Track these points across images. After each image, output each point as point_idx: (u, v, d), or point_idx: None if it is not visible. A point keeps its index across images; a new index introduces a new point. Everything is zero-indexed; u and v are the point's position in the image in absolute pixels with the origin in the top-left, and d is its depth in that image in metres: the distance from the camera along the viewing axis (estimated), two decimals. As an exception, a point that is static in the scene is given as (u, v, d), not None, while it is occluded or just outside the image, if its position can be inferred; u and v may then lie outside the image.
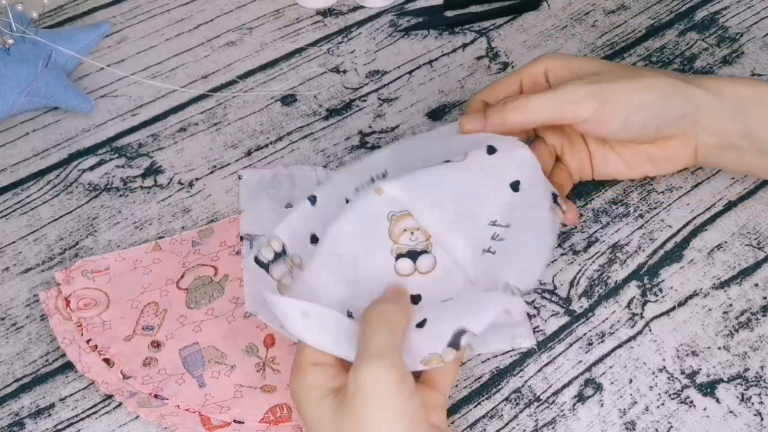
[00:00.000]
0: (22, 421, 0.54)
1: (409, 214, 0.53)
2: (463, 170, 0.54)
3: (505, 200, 0.55)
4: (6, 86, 0.67)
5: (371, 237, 0.53)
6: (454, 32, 0.77)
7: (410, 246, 0.53)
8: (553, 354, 0.57)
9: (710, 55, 0.75)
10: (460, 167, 0.54)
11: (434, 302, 0.53)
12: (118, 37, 0.77)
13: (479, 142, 0.56)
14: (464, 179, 0.54)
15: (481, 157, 0.55)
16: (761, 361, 0.57)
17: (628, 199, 0.65)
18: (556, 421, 0.54)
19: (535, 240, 0.56)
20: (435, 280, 0.53)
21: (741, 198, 0.65)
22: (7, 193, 0.66)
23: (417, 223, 0.53)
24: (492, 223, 0.55)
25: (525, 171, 0.56)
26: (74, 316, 0.58)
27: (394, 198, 0.53)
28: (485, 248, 0.54)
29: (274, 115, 0.71)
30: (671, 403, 0.55)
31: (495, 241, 0.55)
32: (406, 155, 0.59)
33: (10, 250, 0.63)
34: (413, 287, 0.53)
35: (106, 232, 0.63)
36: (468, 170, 0.54)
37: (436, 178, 0.54)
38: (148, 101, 0.72)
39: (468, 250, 0.54)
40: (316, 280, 0.52)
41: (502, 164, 0.55)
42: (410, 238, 0.53)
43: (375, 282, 0.52)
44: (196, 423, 0.54)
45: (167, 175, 0.67)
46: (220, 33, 0.77)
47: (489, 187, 0.55)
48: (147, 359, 0.56)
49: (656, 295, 0.60)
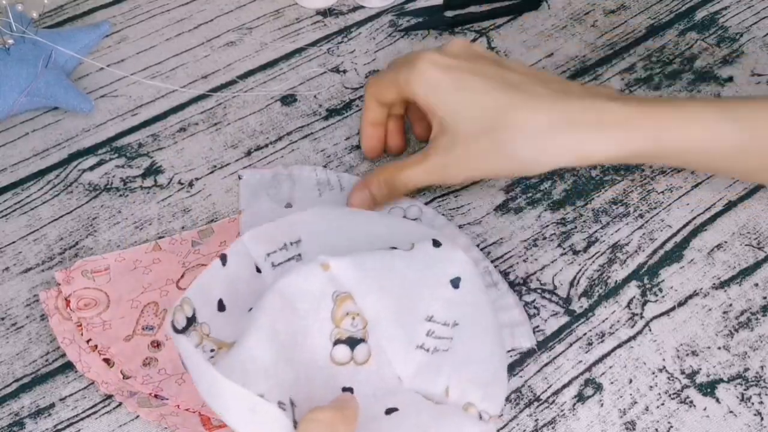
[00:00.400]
0: (22, 421, 0.54)
1: (351, 297, 0.50)
2: (410, 259, 0.52)
3: (445, 296, 0.53)
4: (6, 86, 0.67)
5: (312, 317, 0.49)
6: (454, 32, 0.77)
7: (350, 332, 0.50)
8: (553, 354, 0.57)
9: (710, 55, 0.75)
10: (406, 256, 0.52)
11: (366, 398, 0.50)
12: (118, 37, 0.77)
13: (425, 234, 0.54)
14: (410, 269, 0.52)
15: (427, 249, 0.53)
16: (761, 361, 0.57)
17: (628, 199, 0.65)
18: (556, 421, 0.54)
19: (491, 352, 0.53)
20: (369, 372, 0.50)
21: (741, 198, 0.65)
22: (7, 193, 0.66)
23: (357, 307, 0.50)
24: (428, 318, 0.52)
25: (467, 269, 0.54)
26: (74, 316, 0.58)
27: (338, 276, 0.50)
28: (418, 344, 0.51)
29: (274, 115, 0.71)
30: (671, 403, 0.55)
31: (430, 338, 0.52)
32: (322, 226, 0.55)
33: (10, 250, 0.63)
34: (346, 379, 0.50)
35: (106, 232, 0.63)
36: (414, 260, 0.52)
37: (385, 263, 0.51)
38: (148, 101, 0.72)
39: (401, 344, 0.51)
40: (252, 358, 0.47)
41: (445, 259, 0.53)
42: (351, 323, 0.50)
43: (310, 369, 0.49)
44: (196, 423, 0.53)
45: (167, 175, 0.67)
46: (220, 33, 0.77)
47: (431, 280, 0.52)
48: (147, 359, 0.56)
49: (656, 295, 0.60)
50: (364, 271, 0.50)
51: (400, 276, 0.51)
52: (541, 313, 0.59)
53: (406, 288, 0.51)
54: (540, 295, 0.60)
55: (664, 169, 0.67)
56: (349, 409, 0.46)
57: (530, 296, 0.60)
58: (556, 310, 0.59)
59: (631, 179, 0.66)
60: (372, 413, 0.49)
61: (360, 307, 0.50)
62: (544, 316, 0.59)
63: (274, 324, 0.48)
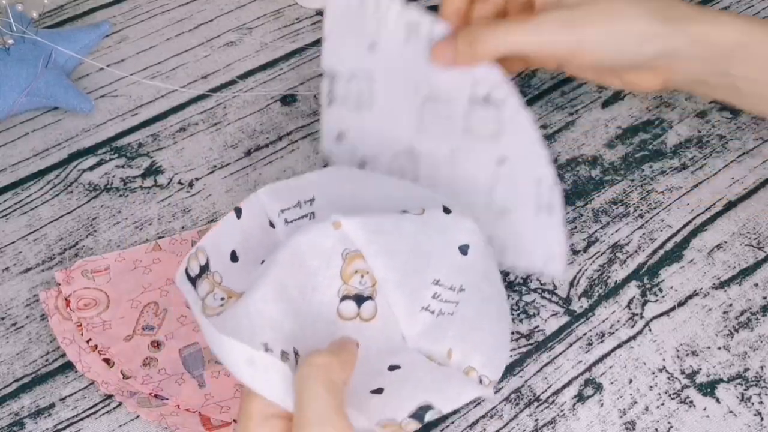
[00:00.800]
0: (22, 421, 0.55)
1: (361, 255, 0.51)
2: (420, 224, 0.53)
3: (453, 262, 0.53)
4: (6, 86, 0.67)
5: (322, 273, 0.50)
6: (454, 32, 0.77)
7: (358, 289, 0.51)
8: (553, 354, 0.57)
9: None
10: (417, 220, 0.52)
11: (370, 353, 0.50)
12: (118, 37, 0.77)
13: (436, 200, 0.55)
14: (420, 233, 0.52)
15: (437, 214, 0.53)
16: (761, 361, 0.57)
17: (628, 199, 0.65)
18: (556, 421, 0.54)
19: (496, 320, 0.54)
20: (374, 329, 0.51)
21: (741, 198, 0.65)
22: (7, 193, 0.66)
23: (367, 266, 0.51)
24: (435, 282, 0.52)
25: (475, 238, 0.54)
26: (74, 316, 0.58)
27: (349, 235, 0.51)
28: (424, 306, 0.52)
29: (274, 115, 0.71)
30: (671, 403, 0.55)
31: (436, 300, 0.52)
32: (335, 187, 0.56)
33: (10, 250, 0.63)
34: (350, 333, 0.50)
35: (106, 232, 0.63)
36: (424, 225, 0.53)
37: (396, 225, 0.52)
38: (148, 101, 0.72)
39: (408, 305, 0.52)
40: (259, 311, 0.49)
41: (455, 226, 0.54)
42: (360, 281, 0.51)
43: (317, 322, 0.50)
44: (196, 423, 0.54)
45: (167, 175, 0.67)
46: (220, 33, 0.77)
47: (440, 245, 0.53)
48: (147, 359, 0.56)
49: (656, 295, 0.60)
50: (374, 232, 0.51)
51: (409, 239, 0.52)
52: (541, 313, 0.59)
53: (414, 251, 0.52)
54: (540, 295, 0.60)
55: (664, 169, 0.67)
56: (346, 354, 0.46)
57: (530, 296, 0.60)
58: (556, 310, 0.59)
59: (631, 179, 0.66)
60: (375, 368, 0.50)
61: (369, 266, 0.50)
62: (544, 316, 0.59)
63: (283, 278, 0.50)
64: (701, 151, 0.68)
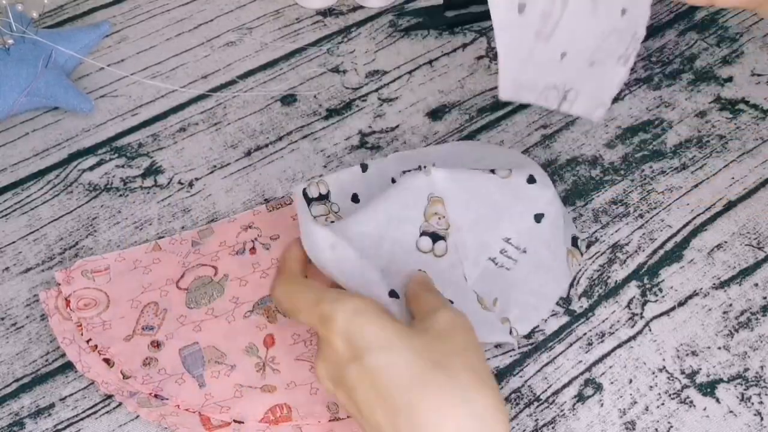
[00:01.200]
0: (22, 421, 0.54)
1: (441, 201, 0.58)
2: (502, 186, 0.59)
3: (526, 226, 0.59)
4: (6, 86, 0.67)
5: (409, 208, 0.58)
6: (454, 32, 0.77)
7: (435, 229, 0.58)
8: (553, 354, 0.57)
9: (710, 55, 0.75)
10: (500, 182, 0.59)
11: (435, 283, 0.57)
12: (118, 37, 0.77)
13: (525, 166, 0.61)
14: (498, 193, 0.59)
15: (521, 182, 0.59)
16: (761, 361, 0.57)
17: (628, 199, 0.65)
18: (556, 421, 0.54)
19: (546, 284, 0.59)
20: (442, 264, 0.58)
21: (741, 198, 0.65)
22: (7, 193, 0.66)
23: (445, 211, 0.58)
24: (506, 239, 0.59)
25: (551, 209, 0.59)
26: (74, 316, 0.58)
27: (436, 182, 0.58)
28: (490, 257, 0.59)
29: (274, 115, 0.71)
30: (671, 403, 0.55)
31: (502, 255, 0.59)
32: (455, 157, 0.64)
33: (10, 250, 0.63)
34: (423, 264, 0.58)
35: (106, 232, 0.63)
36: (506, 187, 0.59)
37: (477, 182, 0.58)
38: (148, 101, 0.72)
39: (474, 251, 0.58)
40: (355, 230, 0.57)
41: (535, 195, 0.59)
42: (437, 222, 0.58)
43: (396, 249, 0.57)
44: (196, 423, 0.54)
45: (167, 175, 0.67)
46: (220, 33, 0.77)
47: (517, 210, 0.59)
48: (147, 359, 0.56)
49: (656, 295, 0.60)
50: (455, 183, 0.58)
51: (489, 197, 0.59)
52: (541, 313, 0.59)
53: (491, 207, 0.59)
54: (540, 295, 0.60)
55: (664, 169, 0.67)
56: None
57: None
58: (556, 310, 0.59)
59: (631, 179, 0.66)
60: None
61: (447, 212, 0.58)
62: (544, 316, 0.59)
63: (376, 206, 0.58)
64: (701, 151, 0.68)
